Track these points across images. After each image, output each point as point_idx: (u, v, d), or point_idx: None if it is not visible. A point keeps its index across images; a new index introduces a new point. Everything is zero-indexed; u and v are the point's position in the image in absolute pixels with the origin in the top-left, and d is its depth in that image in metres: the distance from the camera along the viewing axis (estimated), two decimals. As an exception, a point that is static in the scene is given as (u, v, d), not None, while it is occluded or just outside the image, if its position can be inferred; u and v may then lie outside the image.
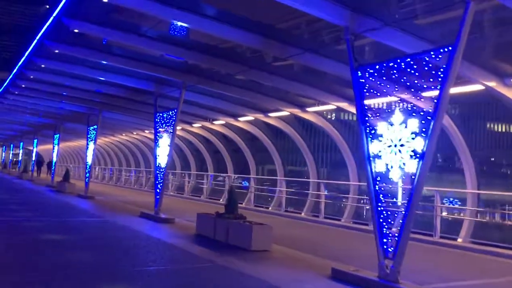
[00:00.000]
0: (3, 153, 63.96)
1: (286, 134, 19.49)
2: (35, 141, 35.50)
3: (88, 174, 21.79)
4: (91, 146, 21.73)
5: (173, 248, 9.48)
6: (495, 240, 11.93)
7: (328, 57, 10.51)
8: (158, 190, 14.51)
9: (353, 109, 14.14)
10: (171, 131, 14.24)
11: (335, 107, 14.25)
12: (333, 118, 19.05)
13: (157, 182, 14.64)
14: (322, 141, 27.11)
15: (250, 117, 18.86)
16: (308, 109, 15.71)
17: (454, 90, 11.50)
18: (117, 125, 26.66)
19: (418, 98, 6.65)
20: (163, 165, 14.47)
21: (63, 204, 18.21)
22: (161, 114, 14.86)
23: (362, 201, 16.91)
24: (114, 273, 7.02)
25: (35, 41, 12.01)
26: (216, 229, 10.57)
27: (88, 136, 22.00)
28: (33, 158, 37.23)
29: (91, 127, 21.89)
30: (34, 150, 36.33)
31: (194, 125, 22.97)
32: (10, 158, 57.51)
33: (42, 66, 14.39)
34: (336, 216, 17.23)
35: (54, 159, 29.22)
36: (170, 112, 14.38)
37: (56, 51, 12.42)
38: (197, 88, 14.74)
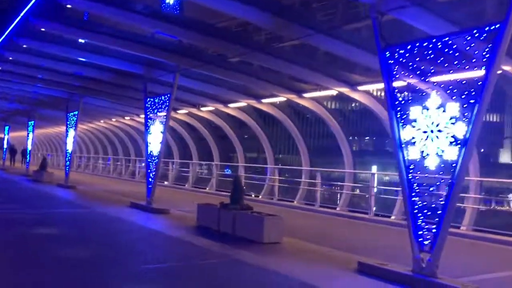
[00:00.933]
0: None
1: (274, 121, 18.99)
2: (7, 127, 33.78)
3: (68, 162, 20.74)
4: (71, 133, 20.66)
5: (179, 242, 8.85)
6: (495, 227, 11.85)
7: (339, 38, 9.97)
8: (150, 179, 13.76)
9: (354, 95, 13.73)
10: (164, 117, 13.48)
11: (337, 92, 13.78)
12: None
13: (149, 170, 13.89)
14: (310, 128, 26.87)
15: (241, 103, 18.20)
16: (306, 94, 15.19)
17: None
18: (96, 111, 25.46)
19: (458, 80, 6.20)
20: (155, 153, 13.72)
21: (45, 195, 17.21)
22: (152, 100, 14.06)
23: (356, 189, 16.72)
24: (126, 272, 6.36)
25: (18, 18, 10.97)
26: (221, 220, 9.98)
27: (68, 122, 20.90)
28: (5, 146, 35.47)
29: (71, 113, 20.78)
30: (6, 137, 34.57)
31: (179, 111, 22.13)
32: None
33: (24, 46, 13.31)
34: (327, 204, 16.96)
35: (29, 147, 27.81)
36: (163, 97, 13.60)
37: (43, 29, 11.43)
38: (187, 71, 13.97)
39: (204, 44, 12.36)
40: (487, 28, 5.92)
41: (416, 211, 6.51)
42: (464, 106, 6.08)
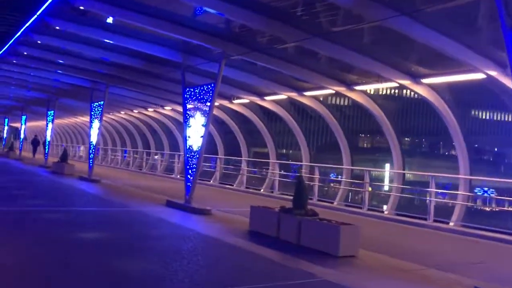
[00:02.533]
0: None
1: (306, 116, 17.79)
2: (24, 117, 32.79)
3: (92, 155, 19.66)
4: (96, 124, 19.56)
5: (244, 253, 7.62)
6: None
7: (423, 22, 8.70)
8: (189, 177, 12.59)
9: (416, 88, 12.45)
10: (206, 110, 12.31)
11: (397, 84, 12.51)
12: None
13: (188, 167, 12.71)
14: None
15: (280, 96, 16.96)
16: (357, 87, 13.94)
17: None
18: (119, 101, 24.35)
19: None
20: (195, 148, 12.55)
21: (71, 189, 16.13)
22: (192, 90, 12.87)
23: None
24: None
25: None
26: (282, 227, 8.78)
27: (92, 113, 19.80)
28: (21, 136, 34.50)
29: (96, 103, 19.68)
30: (23, 127, 33.59)
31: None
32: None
33: (57, 28, 12.15)
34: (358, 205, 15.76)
35: (48, 138, 26.80)
36: (205, 87, 12.41)
37: (81, 7, 10.25)
38: (228, 59, 12.67)
39: (256, 26, 11.04)
40: None
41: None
42: None
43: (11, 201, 12.02)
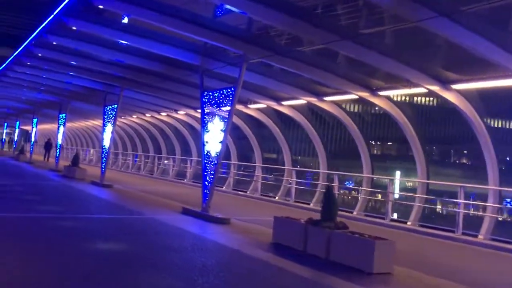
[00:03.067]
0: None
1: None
2: (35, 120, 32.58)
3: (104, 159, 19.27)
4: (109, 128, 19.18)
5: (271, 267, 7.13)
6: None
7: (461, 24, 8.19)
8: (206, 183, 12.12)
9: (445, 94, 11.90)
10: (226, 113, 11.86)
11: (426, 90, 11.97)
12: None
13: (205, 173, 12.24)
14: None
15: (299, 101, 16.45)
16: (381, 92, 13.42)
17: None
18: (132, 105, 23.96)
19: None
20: (213, 153, 12.07)
21: (83, 194, 15.72)
22: (210, 94, 12.43)
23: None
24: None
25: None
26: (309, 240, 8.26)
27: (105, 116, 19.43)
28: (32, 139, 34.26)
29: (109, 107, 19.31)
30: (34, 130, 33.38)
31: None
32: (3, 137, 54.24)
33: (73, 28, 11.79)
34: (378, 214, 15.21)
35: (59, 141, 26.50)
36: (225, 91, 11.96)
37: (100, 6, 9.87)
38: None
39: (280, 26, 10.61)
40: None
41: None
42: None
43: (21, 206, 11.61)
